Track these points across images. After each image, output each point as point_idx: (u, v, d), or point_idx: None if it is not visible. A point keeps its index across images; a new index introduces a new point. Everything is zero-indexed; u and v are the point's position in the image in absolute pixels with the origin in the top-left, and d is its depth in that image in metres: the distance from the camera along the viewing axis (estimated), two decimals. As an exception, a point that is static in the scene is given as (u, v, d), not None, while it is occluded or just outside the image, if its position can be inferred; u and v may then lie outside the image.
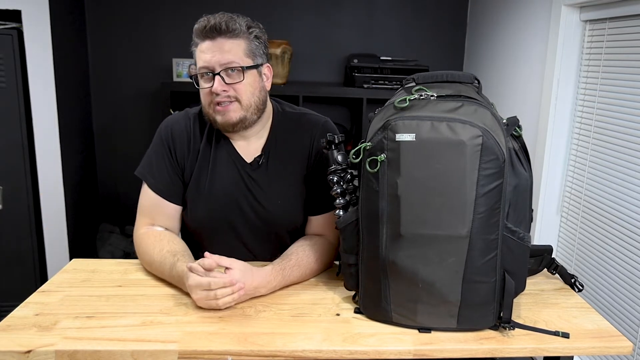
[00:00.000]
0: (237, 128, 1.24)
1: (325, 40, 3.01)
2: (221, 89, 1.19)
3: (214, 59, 1.18)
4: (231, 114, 1.21)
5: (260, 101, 1.25)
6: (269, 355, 0.95)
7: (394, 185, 0.95)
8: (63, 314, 1.04)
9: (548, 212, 2.19)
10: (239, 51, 1.20)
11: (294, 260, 1.18)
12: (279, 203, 1.30)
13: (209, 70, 1.19)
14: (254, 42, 1.22)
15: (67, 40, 2.64)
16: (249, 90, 1.21)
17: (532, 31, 2.28)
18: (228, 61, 1.18)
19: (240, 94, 1.20)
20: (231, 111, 1.21)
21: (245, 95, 1.21)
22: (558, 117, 2.10)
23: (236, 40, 1.19)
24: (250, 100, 1.22)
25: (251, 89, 1.22)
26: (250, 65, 1.21)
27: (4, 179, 2.45)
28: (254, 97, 1.23)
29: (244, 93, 1.21)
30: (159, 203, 1.29)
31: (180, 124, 1.31)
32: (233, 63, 1.18)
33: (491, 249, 0.97)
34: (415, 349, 0.97)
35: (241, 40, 1.20)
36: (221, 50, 1.18)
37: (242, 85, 1.20)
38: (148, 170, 1.30)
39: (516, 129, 1.06)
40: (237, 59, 1.19)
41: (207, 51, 1.18)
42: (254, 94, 1.23)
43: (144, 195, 1.30)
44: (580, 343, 0.99)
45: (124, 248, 2.83)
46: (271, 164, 1.30)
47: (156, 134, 1.32)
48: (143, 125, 3.01)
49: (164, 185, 1.29)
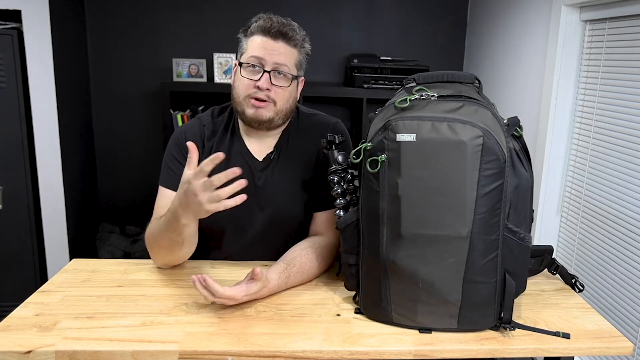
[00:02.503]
0: (262, 126, 1.28)
1: (325, 40, 3.01)
2: (266, 86, 1.23)
3: (270, 57, 1.23)
4: (264, 112, 1.25)
5: (290, 109, 1.31)
6: (269, 356, 0.95)
7: (394, 185, 0.95)
8: (63, 314, 1.04)
9: (548, 212, 2.19)
10: (292, 60, 1.27)
11: (298, 266, 1.19)
12: (285, 199, 1.31)
13: (260, 64, 1.23)
14: (303, 56, 1.30)
15: (67, 40, 2.64)
16: (286, 97, 1.27)
17: (532, 31, 2.28)
18: (282, 63, 1.24)
19: (279, 98, 1.26)
20: (264, 109, 1.25)
21: (282, 100, 1.27)
22: (558, 117, 2.10)
23: (293, 49, 1.27)
24: (284, 107, 1.28)
25: (288, 95, 1.28)
26: (295, 75, 1.28)
27: (4, 179, 2.45)
28: (287, 104, 1.29)
29: (281, 98, 1.26)
30: None
31: (194, 128, 1.34)
32: (284, 67, 1.24)
33: (492, 249, 0.97)
34: (415, 349, 0.97)
35: (296, 51, 1.27)
36: (279, 52, 1.23)
37: (283, 90, 1.26)
38: (168, 175, 1.30)
39: (517, 129, 1.06)
40: (289, 65, 1.26)
41: (265, 46, 1.23)
42: (288, 102, 1.29)
43: (162, 198, 1.30)
44: (581, 343, 0.99)
45: (124, 248, 2.83)
46: (282, 161, 1.33)
47: (170, 141, 1.34)
48: (143, 125, 3.01)
49: None
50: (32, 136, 2.49)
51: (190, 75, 2.73)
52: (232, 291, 1.03)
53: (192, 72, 2.73)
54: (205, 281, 1.02)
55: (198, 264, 1.32)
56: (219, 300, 1.04)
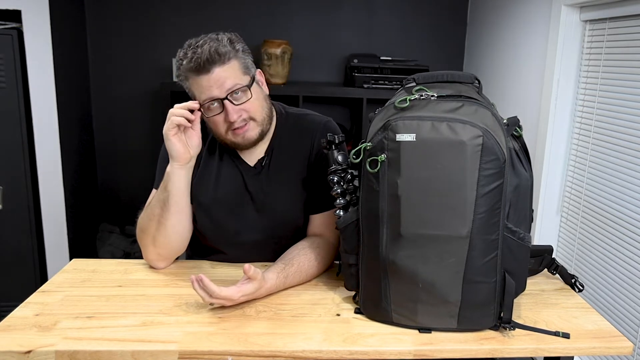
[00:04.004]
0: (257, 143, 1.27)
1: (325, 40, 3.01)
2: (237, 115, 1.19)
3: (218, 88, 1.18)
4: (250, 134, 1.24)
5: (268, 110, 1.28)
6: (269, 356, 0.95)
7: (394, 185, 0.95)
8: (63, 314, 1.04)
9: (548, 212, 2.19)
10: (237, 72, 1.20)
11: (296, 266, 1.19)
12: (281, 204, 1.30)
13: (216, 99, 1.19)
14: (242, 57, 1.22)
15: (67, 40, 2.64)
16: (259, 105, 1.24)
17: (532, 31, 2.28)
18: (232, 85, 1.18)
19: (253, 112, 1.22)
20: (249, 131, 1.23)
21: (257, 111, 1.23)
22: (558, 117, 2.10)
23: (229, 63, 1.18)
24: (262, 114, 1.25)
25: (258, 102, 1.24)
26: (250, 82, 1.22)
27: (4, 179, 2.45)
28: (264, 110, 1.26)
29: (255, 110, 1.23)
30: None
31: None
32: (237, 85, 1.19)
33: (491, 249, 0.97)
34: (415, 349, 0.97)
35: (234, 61, 1.19)
36: (220, 78, 1.17)
37: (250, 103, 1.21)
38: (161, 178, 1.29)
39: (517, 129, 1.06)
40: (238, 80, 1.19)
41: (206, 84, 1.18)
42: (263, 107, 1.26)
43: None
44: (581, 343, 0.99)
45: (124, 248, 2.83)
46: (273, 165, 1.31)
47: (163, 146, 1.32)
48: (143, 125, 3.01)
49: None
50: (32, 136, 2.48)
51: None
52: (228, 291, 1.03)
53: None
54: (202, 281, 1.02)
55: (198, 263, 1.32)
56: (216, 301, 1.04)
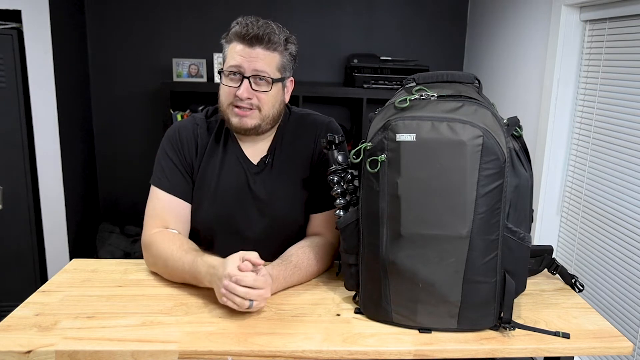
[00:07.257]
0: (249, 133, 1.27)
1: (325, 40, 3.01)
2: (247, 95, 1.21)
3: (248, 65, 1.19)
4: (248, 120, 1.24)
5: (277, 113, 1.28)
6: (269, 356, 0.95)
7: (394, 185, 0.95)
8: (63, 314, 1.04)
9: (548, 212, 2.19)
10: (272, 64, 1.22)
11: (294, 263, 1.18)
12: (283, 203, 1.31)
13: (239, 72, 1.20)
14: (287, 58, 1.25)
15: (67, 40, 2.64)
16: (271, 102, 1.25)
17: (532, 31, 2.28)
18: (261, 69, 1.20)
19: (263, 104, 1.23)
20: (249, 117, 1.24)
21: (267, 105, 1.24)
22: (558, 117, 2.10)
23: (272, 53, 1.22)
24: (270, 112, 1.26)
25: (273, 100, 1.25)
26: (278, 78, 1.24)
27: (4, 179, 2.45)
28: (273, 109, 1.26)
29: (266, 103, 1.24)
30: (173, 204, 1.28)
31: (188, 127, 1.32)
32: (264, 73, 1.21)
33: (491, 249, 0.97)
34: (415, 349, 0.97)
35: (277, 54, 1.22)
36: (256, 58, 1.20)
37: (266, 95, 1.23)
38: (161, 175, 1.29)
39: (517, 129, 1.06)
40: (269, 70, 1.21)
41: (242, 54, 1.20)
42: (274, 106, 1.26)
43: (155, 200, 1.29)
44: (581, 343, 0.99)
45: (124, 248, 2.83)
46: (276, 164, 1.32)
47: (164, 139, 1.33)
48: (143, 125, 3.01)
49: (179, 185, 1.29)
50: (32, 136, 2.49)
51: (190, 75, 2.73)
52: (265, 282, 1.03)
53: (192, 72, 2.73)
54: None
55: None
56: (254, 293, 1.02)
